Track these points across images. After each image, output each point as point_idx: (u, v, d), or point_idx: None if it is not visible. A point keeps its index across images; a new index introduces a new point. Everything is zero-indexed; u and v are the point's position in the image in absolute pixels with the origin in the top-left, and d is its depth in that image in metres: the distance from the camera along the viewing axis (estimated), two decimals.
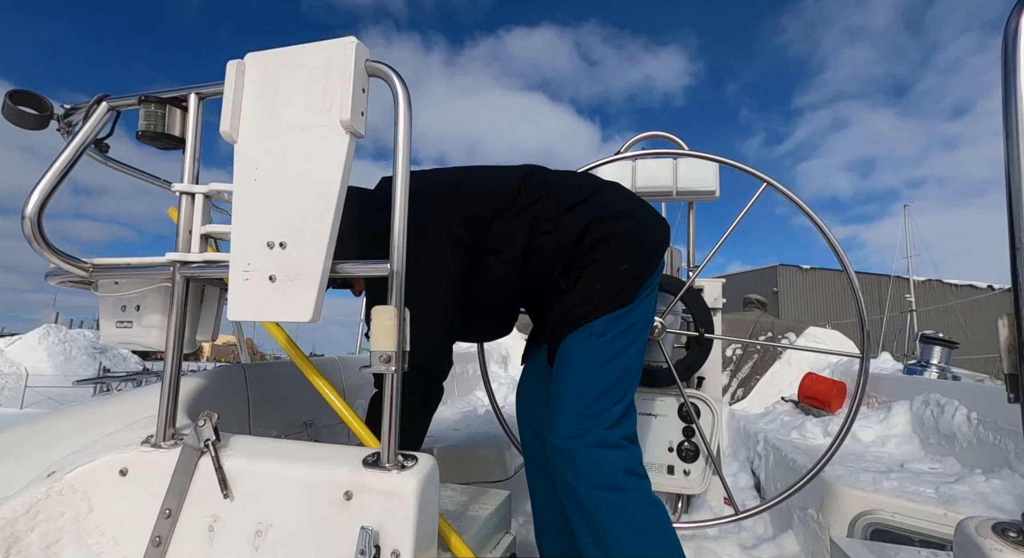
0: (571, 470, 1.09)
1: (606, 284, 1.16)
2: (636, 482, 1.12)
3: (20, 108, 1.05)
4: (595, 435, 1.10)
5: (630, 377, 1.19)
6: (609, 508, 1.07)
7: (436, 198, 1.19)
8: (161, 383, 0.92)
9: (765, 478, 2.14)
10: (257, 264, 0.86)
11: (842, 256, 1.40)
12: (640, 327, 1.21)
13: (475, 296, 1.24)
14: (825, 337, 3.58)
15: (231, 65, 0.92)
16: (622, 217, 1.21)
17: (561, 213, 1.19)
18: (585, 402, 1.12)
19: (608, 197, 1.26)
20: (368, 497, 0.77)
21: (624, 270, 1.17)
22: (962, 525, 0.64)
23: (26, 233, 0.92)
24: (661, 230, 1.27)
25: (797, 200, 1.46)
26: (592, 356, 1.15)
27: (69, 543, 0.85)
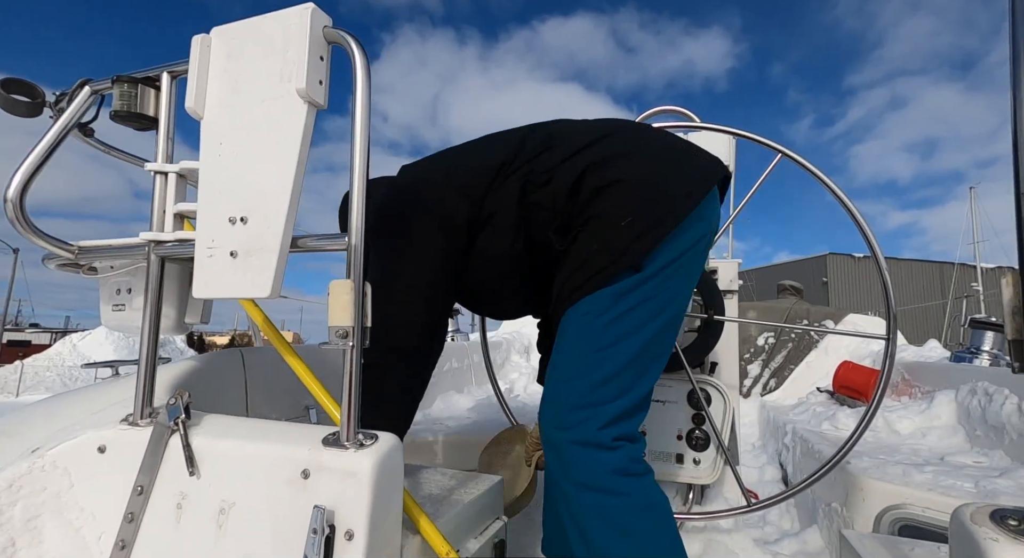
0: (557, 463, 0.97)
1: (603, 245, 0.95)
2: (629, 484, 0.94)
3: (13, 96, 1.08)
4: (582, 432, 0.94)
5: (640, 367, 0.97)
6: (595, 510, 0.93)
7: (425, 195, 1.10)
8: (138, 362, 0.93)
9: (792, 471, 2.01)
10: (220, 240, 0.84)
11: (864, 227, 1.28)
12: (659, 303, 0.97)
13: (479, 271, 1.12)
14: (866, 324, 3.35)
15: (196, 40, 0.91)
16: (627, 158, 0.99)
17: (559, 162, 1.02)
18: (576, 392, 0.96)
19: (620, 137, 1.05)
20: (324, 476, 0.74)
21: (627, 225, 0.94)
22: (958, 512, 0.55)
23: (9, 216, 0.94)
24: (693, 173, 0.99)
25: (815, 170, 1.34)
26: (589, 338, 0.96)
27: (50, 518, 0.86)
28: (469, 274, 1.13)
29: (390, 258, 1.10)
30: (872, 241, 1.29)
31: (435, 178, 1.14)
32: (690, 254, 0.99)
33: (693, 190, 0.98)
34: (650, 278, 0.96)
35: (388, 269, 1.08)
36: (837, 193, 1.31)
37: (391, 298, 1.05)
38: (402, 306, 1.08)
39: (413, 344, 1.11)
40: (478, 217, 1.08)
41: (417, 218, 1.11)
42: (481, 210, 1.08)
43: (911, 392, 2.17)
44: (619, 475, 0.93)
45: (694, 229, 0.99)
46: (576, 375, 0.97)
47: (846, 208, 1.32)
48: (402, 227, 1.12)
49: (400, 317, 1.07)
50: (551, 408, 1.00)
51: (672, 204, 0.96)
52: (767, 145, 1.43)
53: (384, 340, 0.87)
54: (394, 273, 1.08)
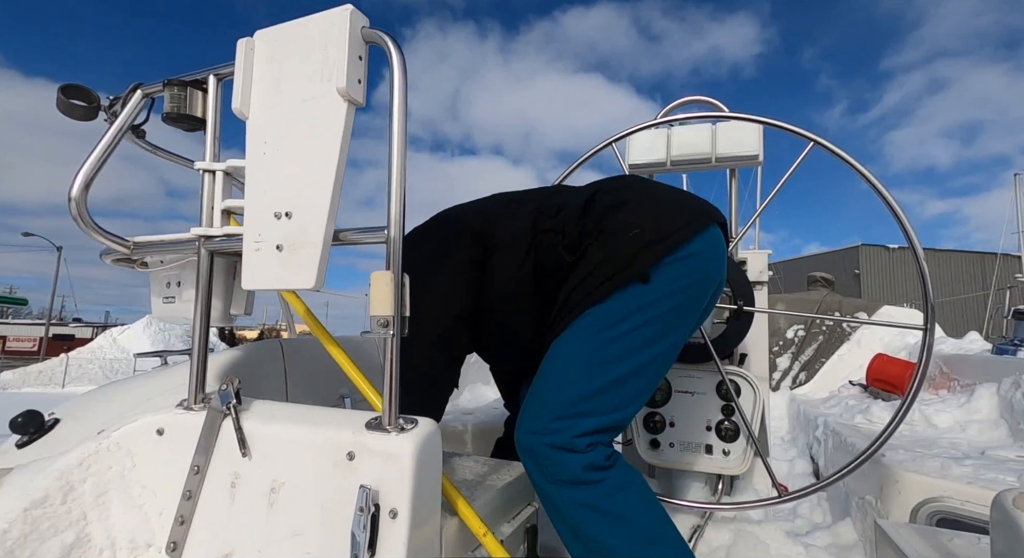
0: (535, 467, 0.98)
1: (611, 255, 0.97)
2: (600, 473, 0.96)
3: (71, 101, 1.14)
4: (558, 438, 0.95)
5: (633, 389, 0.97)
6: (578, 504, 0.95)
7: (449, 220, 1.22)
8: (191, 351, 0.99)
9: (824, 464, 1.99)
10: (266, 235, 0.89)
11: (900, 216, 1.25)
12: (663, 326, 0.96)
13: (486, 293, 1.14)
14: (901, 316, 3.25)
15: (241, 43, 0.95)
16: (635, 190, 1.07)
17: (568, 198, 1.09)
18: (562, 402, 0.96)
19: (627, 182, 1.14)
20: (368, 458, 0.78)
21: (635, 236, 0.96)
22: (999, 497, 0.55)
23: (72, 214, 1.00)
24: (695, 206, 1.06)
25: (849, 158, 1.32)
26: (587, 351, 0.96)
27: (116, 494, 0.93)
28: (478, 297, 1.16)
29: (428, 253, 1.17)
30: (909, 230, 1.27)
31: (461, 209, 1.25)
32: (697, 287, 1.01)
33: (699, 216, 1.03)
34: (659, 299, 0.96)
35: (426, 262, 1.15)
36: (872, 181, 1.29)
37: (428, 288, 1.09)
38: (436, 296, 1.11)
39: (445, 331, 1.13)
40: (492, 239, 1.14)
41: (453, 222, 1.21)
42: (494, 237, 1.14)
43: (949, 386, 2.11)
44: (591, 469, 0.95)
45: (702, 260, 1.00)
46: (565, 385, 0.97)
47: (881, 196, 1.29)
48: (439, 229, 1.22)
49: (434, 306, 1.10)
50: (532, 416, 0.99)
51: (679, 222, 0.99)
52: (798, 134, 1.41)
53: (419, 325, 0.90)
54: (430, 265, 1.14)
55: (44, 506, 0.86)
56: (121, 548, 0.90)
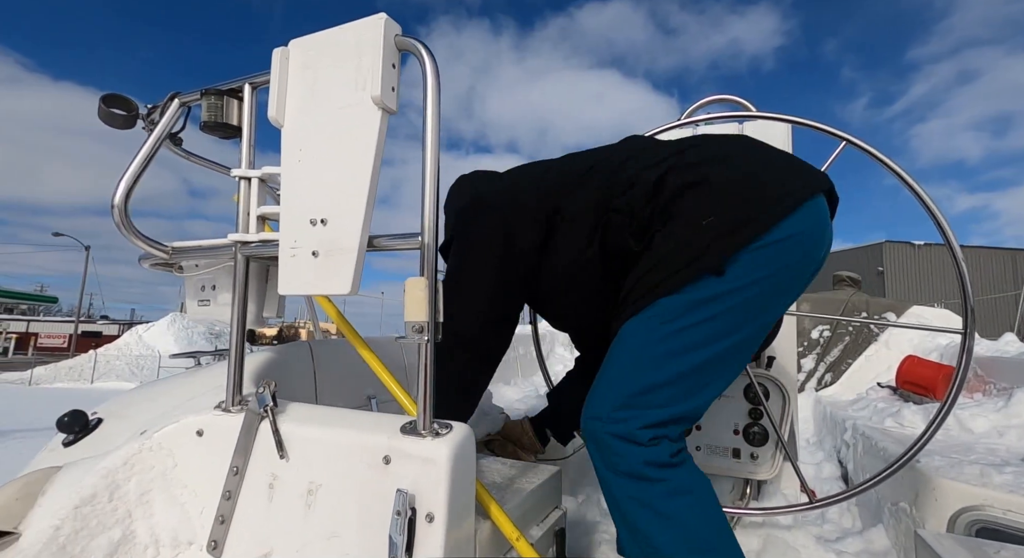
0: (596, 452, 0.97)
1: (680, 244, 0.90)
2: (665, 472, 0.92)
3: (111, 110, 1.18)
4: (623, 428, 0.92)
5: (702, 380, 0.92)
6: (633, 497, 0.93)
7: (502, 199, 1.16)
8: (228, 355, 1.01)
9: (853, 468, 1.95)
10: (302, 241, 0.90)
11: (938, 216, 1.22)
12: (739, 318, 0.90)
13: (550, 274, 1.13)
14: (932, 317, 3.16)
15: (276, 52, 0.97)
16: (715, 163, 0.94)
17: (642, 169, 0.99)
18: (625, 392, 0.93)
19: (709, 143, 1.02)
20: (405, 462, 0.79)
21: (708, 224, 0.88)
22: None
23: (115, 220, 1.03)
24: (792, 177, 0.93)
25: (883, 158, 1.29)
26: (652, 342, 0.92)
27: (158, 493, 0.96)
28: (541, 276, 1.15)
29: (459, 255, 1.17)
30: (947, 230, 1.23)
31: (522, 183, 1.18)
32: (782, 274, 0.91)
33: (792, 193, 0.89)
34: (735, 291, 0.88)
35: (457, 265, 1.16)
36: (907, 180, 1.26)
37: (457, 292, 1.10)
38: (466, 300, 1.13)
39: (473, 333, 1.15)
40: (556, 219, 1.09)
41: (488, 219, 1.16)
42: (560, 212, 1.09)
43: (985, 389, 2.05)
44: (654, 466, 0.91)
45: (790, 246, 0.89)
46: (631, 375, 0.94)
47: (917, 196, 1.26)
48: (473, 227, 1.18)
49: (463, 309, 1.12)
50: (597, 402, 0.98)
51: (764, 205, 0.88)
52: (830, 132, 1.38)
53: (448, 328, 0.89)
54: (460, 269, 1.14)
55: (93, 504, 0.89)
56: (164, 545, 0.93)
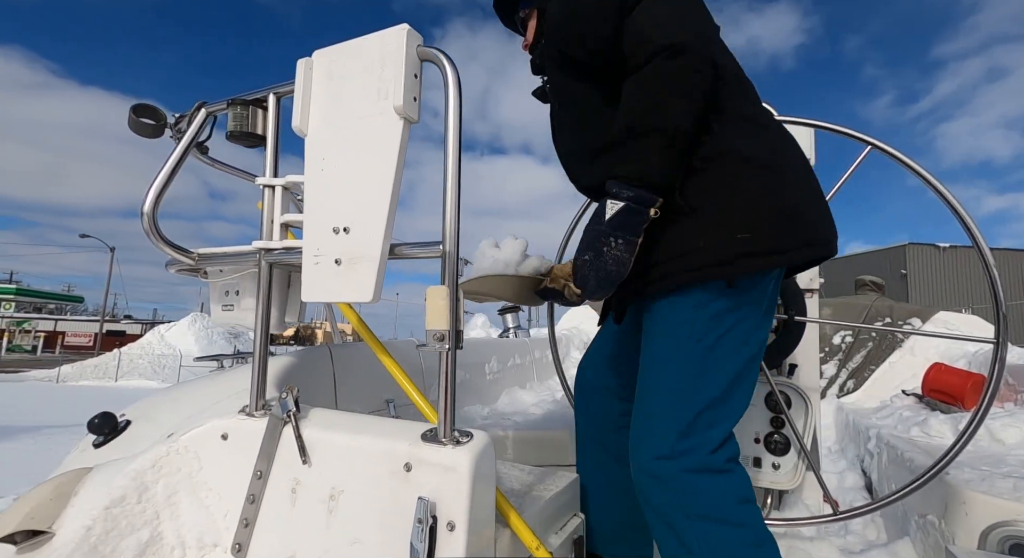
0: (663, 495, 0.90)
1: (707, 243, 0.87)
2: (751, 513, 0.88)
3: (141, 120, 1.21)
4: (696, 459, 0.88)
5: (740, 391, 0.94)
6: (716, 544, 0.85)
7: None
8: (252, 360, 1.03)
9: (877, 479, 1.90)
10: (325, 249, 0.92)
11: (968, 221, 1.19)
12: (749, 329, 0.93)
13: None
14: (959, 323, 3.07)
15: (300, 63, 0.98)
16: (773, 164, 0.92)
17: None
18: (682, 418, 0.90)
19: (781, 133, 1.01)
20: (426, 469, 0.80)
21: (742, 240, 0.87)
22: None
23: (144, 227, 1.06)
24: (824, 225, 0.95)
25: (911, 163, 1.27)
26: (689, 362, 0.90)
27: (185, 495, 0.98)
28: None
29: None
30: (978, 236, 1.20)
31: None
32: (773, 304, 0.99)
33: (821, 243, 0.94)
34: (746, 304, 0.91)
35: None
36: (934, 184, 1.23)
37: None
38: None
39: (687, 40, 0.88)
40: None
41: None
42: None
43: (1016, 398, 1.99)
44: (742, 503, 0.88)
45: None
46: (679, 401, 0.91)
47: (946, 201, 1.23)
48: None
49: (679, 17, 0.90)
50: (652, 436, 0.92)
51: (798, 240, 0.90)
52: (855, 137, 1.36)
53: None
54: None
55: (123, 505, 0.91)
56: (190, 547, 0.95)
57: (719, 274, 0.88)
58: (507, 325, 3.17)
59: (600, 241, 0.85)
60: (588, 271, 0.87)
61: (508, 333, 3.17)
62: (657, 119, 0.84)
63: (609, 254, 0.85)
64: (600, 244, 0.85)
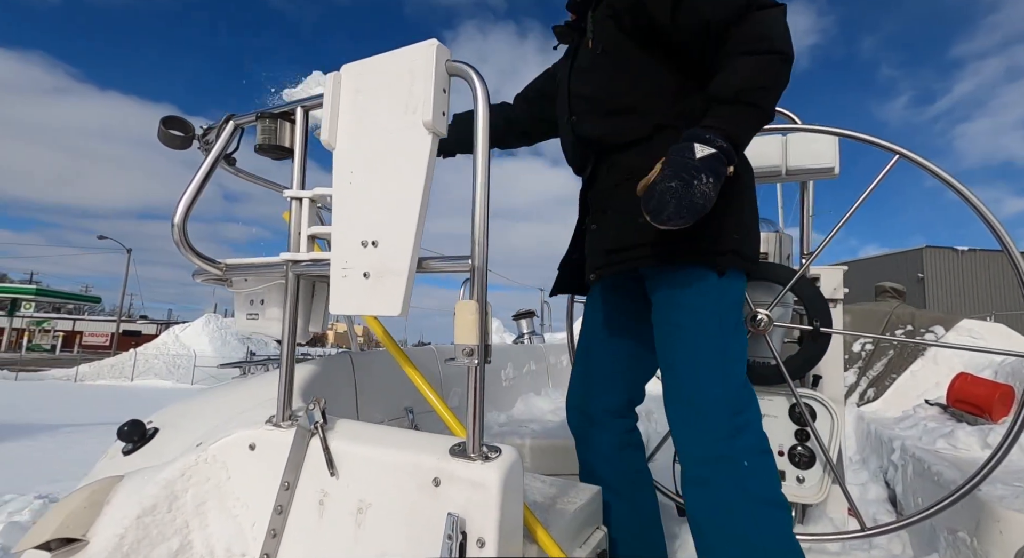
0: (728, 481, 0.91)
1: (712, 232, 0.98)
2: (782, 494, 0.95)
3: (170, 132, 1.23)
4: (751, 440, 0.94)
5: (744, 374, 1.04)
6: (775, 528, 0.89)
7: None
8: (279, 370, 1.04)
9: (902, 492, 1.87)
10: (353, 262, 0.92)
11: (1000, 232, 1.17)
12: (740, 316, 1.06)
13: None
14: (985, 332, 3.01)
15: (329, 77, 0.99)
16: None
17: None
18: (733, 391, 0.97)
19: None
20: (454, 485, 0.80)
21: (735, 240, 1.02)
22: None
23: (175, 239, 1.08)
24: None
25: (939, 172, 1.24)
26: (726, 348, 0.99)
27: (213, 505, 0.99)
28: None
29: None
30: (1009, 244, 1.18)
31: None
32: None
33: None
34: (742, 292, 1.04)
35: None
36: (963, 191, 1.21)
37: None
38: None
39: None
40: None
41: None
42: None
43: None
44: (780, 482, 0.95)
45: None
46: (723, 379, 0.97)
47: (976, 210, 1.21)
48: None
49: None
50: (707, 419, 0.96)
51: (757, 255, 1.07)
52: (882, 146, 1.33)
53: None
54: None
55: (153, 514, 0.92)
56: (219, 556, 0.96)
57: (737, 264, 1.00)
58: (522, 331, 3.17)
59: (691, 174, 0.87)
60: (670, 198, 0.87)
61: (523, 339, 3.16)
62: (762, 99, 0.94)
63: (699, 187, 0.87)
64: (691, 176, 0.87)
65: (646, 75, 1.06)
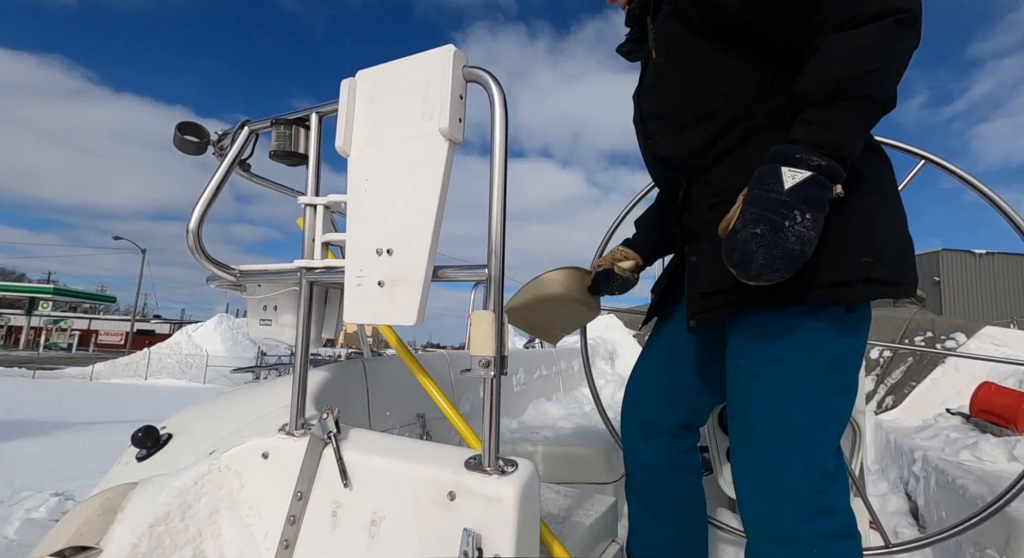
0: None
1: (830, 264, 0.78)
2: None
3: (185, 137, 1.23)
4: (836, 522, 0.81)
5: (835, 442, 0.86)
6: None
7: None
8: (292, 377, 1.03)
9: (924, 504, 1.82)
10: (368, 270, 0.91)
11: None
12: (855, 372, 0.87)
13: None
14: (1008, 339, 2.93)
15: (344, 84, 0.99)
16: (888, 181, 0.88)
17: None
18: (822, 461, 0.81)
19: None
20: (470, 499, 0.78)
21: (866, 264, 0.79)
22: None
23: (189, 244, 1.07)
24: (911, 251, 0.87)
25: (965, 175, 1.21)
26: (817, 370, 0.81)
27: (226, 513, 0.98)
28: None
29: None
30: None
31: None
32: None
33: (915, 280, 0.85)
34: (858, 333, 0.85)
35: None
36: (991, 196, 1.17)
37: None
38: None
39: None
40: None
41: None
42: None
43: None
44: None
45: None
46: (813, 446, 0.81)
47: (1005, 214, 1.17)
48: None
49: None
50: (785, 492, 0.82)
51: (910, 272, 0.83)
52: (909, 151, 1.30)
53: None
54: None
55: (167, 522, 0.92)
56: None
57: (846, 295, 0.79)
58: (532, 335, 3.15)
59: (780, 213, 0.71)
60: (756, 247, 0.71)
61: (534, 343, 3.14)
62: (874, 86, 0.72)
63: (792, 228, 0.70)
64: (780, 217, 0.71)
65: (723, 75, 0.89)
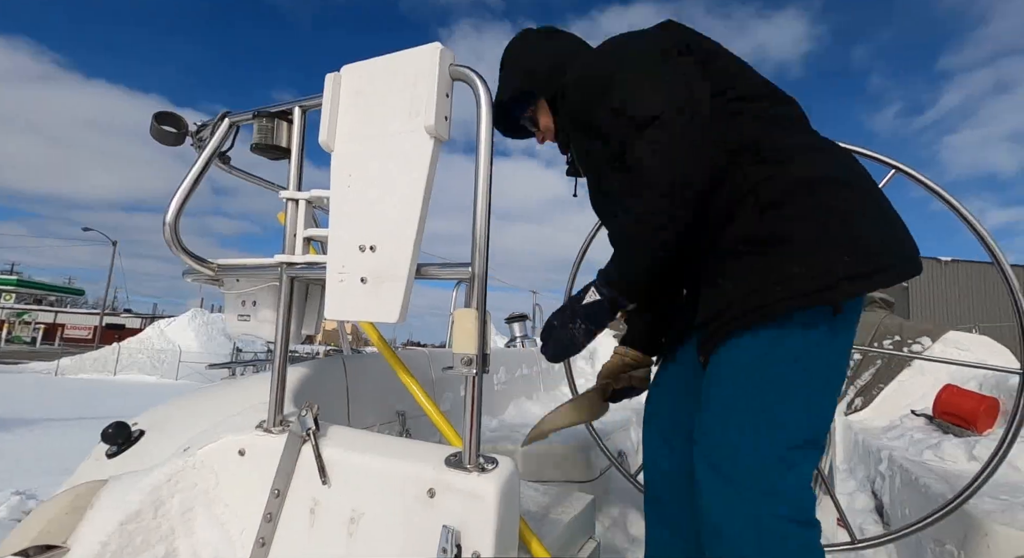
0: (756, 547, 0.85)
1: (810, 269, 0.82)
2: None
3: (163, 127, 1.20)
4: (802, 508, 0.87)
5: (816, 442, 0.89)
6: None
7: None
8: (271, 374, 1.02)
9: (889, 502, 1.89)
10: (351, 266, 0.91)
11: (992, 246, 1.18)
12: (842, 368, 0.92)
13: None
14: (971, 344, 3.06)
15: (329, 78, 0.98)
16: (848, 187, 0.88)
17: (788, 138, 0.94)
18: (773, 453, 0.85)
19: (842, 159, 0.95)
20: (450, 496, 0.78)
21: (846, 263, 0.81)
22: None
23: (165, 237, 1.05)
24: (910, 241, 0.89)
25: (934, 186, 1.26)
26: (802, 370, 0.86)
27: (201, 511, 0.96)
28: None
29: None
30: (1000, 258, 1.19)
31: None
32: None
33: (916, 257, 0.87)
34: (843, 331, 0.88)
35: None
36: (960, 209, 1.22)
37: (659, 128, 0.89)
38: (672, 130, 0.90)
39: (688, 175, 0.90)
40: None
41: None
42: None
43: None
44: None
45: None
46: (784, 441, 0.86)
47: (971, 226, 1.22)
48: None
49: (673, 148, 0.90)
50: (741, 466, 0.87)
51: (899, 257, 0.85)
52: (879, 160, 1.35)
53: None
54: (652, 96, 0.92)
55: (138, 520, 0.90)
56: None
57: (826, 299, 0.82)
58: (514, 334, 3.15)
59: (567, 317, 0.97)
60: (548, 337, 0.99)
61: (515, 342, 3.15)
62: (619, 270, 0.94)
63: (566, 332, 0.97)
64: (567, 319, 0.97)
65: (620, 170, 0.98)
